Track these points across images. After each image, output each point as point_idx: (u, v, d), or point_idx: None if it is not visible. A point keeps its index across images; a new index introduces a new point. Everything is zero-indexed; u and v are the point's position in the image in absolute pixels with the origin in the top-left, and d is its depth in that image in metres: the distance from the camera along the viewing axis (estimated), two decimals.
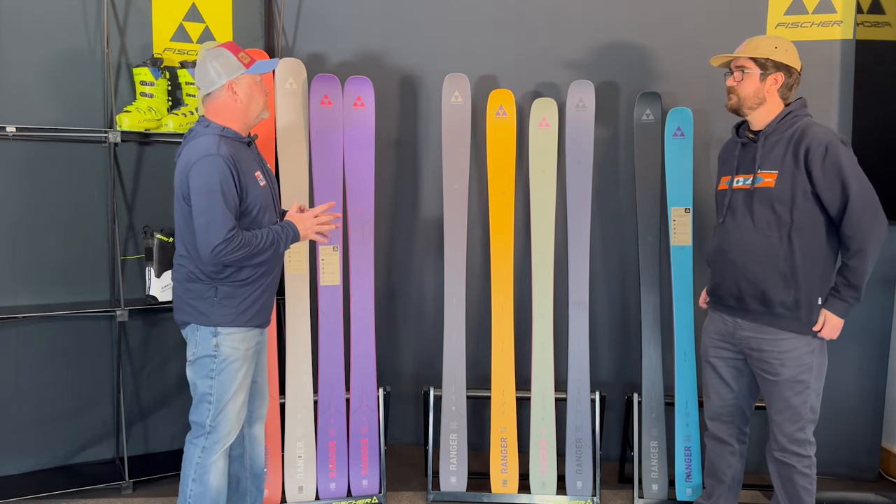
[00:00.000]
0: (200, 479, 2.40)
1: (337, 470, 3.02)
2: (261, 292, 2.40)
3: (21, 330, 3.08)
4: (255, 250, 2.28)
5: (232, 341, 2.36)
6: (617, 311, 3.44)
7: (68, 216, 3.13)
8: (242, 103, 2.32)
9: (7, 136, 2.89)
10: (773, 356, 2.42)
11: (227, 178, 2.23)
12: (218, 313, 2.33)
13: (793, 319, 2.40)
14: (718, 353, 2.59)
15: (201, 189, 2.22)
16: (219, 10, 3.31)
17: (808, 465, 2.48)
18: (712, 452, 2.71)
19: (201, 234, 2.23)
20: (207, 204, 2.21)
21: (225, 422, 2.39)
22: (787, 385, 2.42)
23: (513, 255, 3.14)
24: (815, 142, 2.30)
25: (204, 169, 2.21)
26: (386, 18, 3.44)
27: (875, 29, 3.09)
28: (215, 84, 2.29)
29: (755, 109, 2.43)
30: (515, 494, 3.08)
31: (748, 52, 2.42)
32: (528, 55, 3.36)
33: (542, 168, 3.11)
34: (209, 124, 2.32)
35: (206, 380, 2.37)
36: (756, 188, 2.40)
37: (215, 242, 2.20)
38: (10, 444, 3.10)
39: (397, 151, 3.51)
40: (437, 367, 3.17)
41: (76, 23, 3.06)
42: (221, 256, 2.22)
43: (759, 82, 2.40)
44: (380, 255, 3.41)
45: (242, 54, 2.32)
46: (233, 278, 2.33)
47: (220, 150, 2.23)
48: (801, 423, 2.45)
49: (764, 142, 2.41)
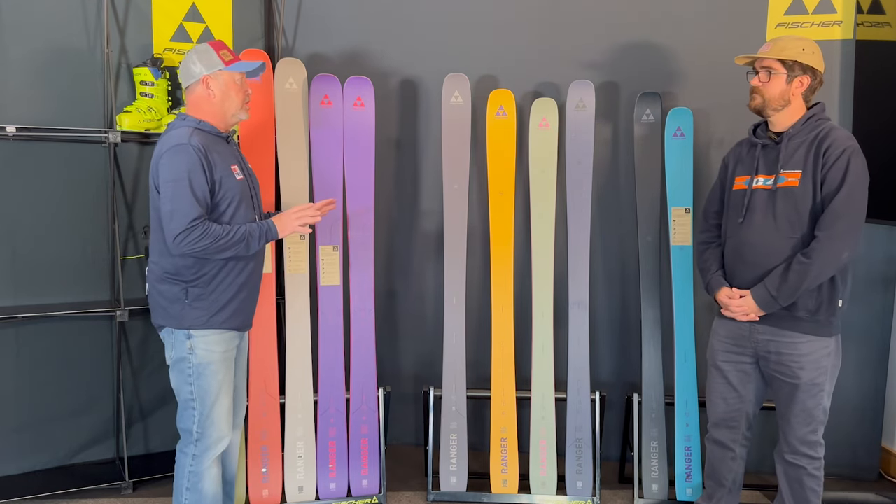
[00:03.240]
0: (194, 487, 2.38)
1: (337, 470, 3.02)
2: (234, 293, 2.36)
3: (21, 330, 3.08)
4: (220, 243, 2.23)
5: (206, 343, 2.33)
6: (617, 311, 3.44)
7: (68, 216, 3.13)
8: (217, 98, 2.33)
9: (7, 136, 2.90)
10: (793, 359, 2.39)
11: (195, 168, 2.22)
12: (189, 315, 2.31)
13: (812, 322, 2.37)
14: (728, 356, 2.56)
15: (168, 178, 2.21)
16: (219, 10, 3.31)
17: (817, 466, 2.47)
18: (714, 457, 2.69)
19: (166, 222, 2.22)
20: (173, 192, 2.20)
21: (212, 427, 2.37)
22: (805, 388, 2.39)
23: (513, 254, 3.14)
24: (837, 143, 2.32)
25: (173, 158, 2.21)
26: (386, 18, 3.44)
27: (875, 29, 3.08)
28: (194, 77, 2.32)
29: (779, 111, 2.41)
30: (515, 494, 3.08)
31: (776, 54, 2.38)
32: (528, 55, 3.36)
33: (542, 168, 3.11)
34: (186, 118, 2.34)
35: (185, 385, 2.35)
36: (779, 188, 2.38)
37: (178, 230, 2.19)
38: (10, 444, 3.10)
39: (397, 151, 3.51)
40: (437, 367, 3.17)
41: (76, 23, 3.07)
42: (184, 245, 2.20)
43: (786, 84, 2.38)
44: (380, 255, 3.41)
45: (224, 52, 2.34)
46: (203, 279, 2.30)
47: (191, 140, 2.24)
48: (813, 426, 2.44)
49: (788, 143, 2.39)
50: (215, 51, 2.32)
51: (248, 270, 2.40)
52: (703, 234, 2.68)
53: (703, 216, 2.72)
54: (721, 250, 2.58)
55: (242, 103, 2.39)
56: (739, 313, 2.45)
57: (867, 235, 3.17)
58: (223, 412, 2.39)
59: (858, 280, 3.20)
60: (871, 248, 3.19)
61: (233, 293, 2.36)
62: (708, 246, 2.64)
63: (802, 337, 2.38)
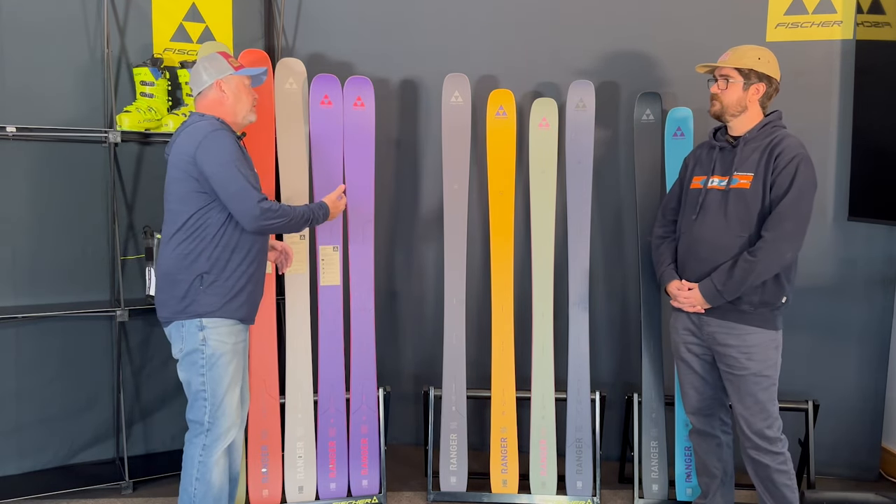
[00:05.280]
0: (203, 478, 2.41)
1: (337, 470, 3.02)
2: (245, 281, 2.43)
3: (21, 330, 3.08)
4: (293, 219, 2.44)
5: (218, 335, 2.38)
6: (617, 311, 3.44)
7: (68, 216, 3.13)
8: (230, 100, 2.46)
9: (7, 136, 2.90)
10: (740, 350, 2.49)
11: (237, 150, 2.37)
12: (204, 301, 2.36)
13: (756, 315, 2.48)
14: (689, 347, 2.65)
15: (219, 161, 2.31)
16: (219, 10, 3.31)
17: (782, 461, 2.53)
18: (700, 449, 2.76)
19: (237, 202, 2.32)
20: (233, 172, 2.31)
21: (223, 417, 2.42)
22: (754, 380, 2.49)
23: (513, 254, 3.14)
24: (788, 150, 2.43)
25: (216, 142, 2.32)
26: (386, 18, 3.44)
27: (875, 29, 3.08)
28: (205, 83, 2.44)
29: (737, 117, 2.54)
30: (515, 494, 3.08)
31: (733, 63, 2.50)
32: (528, 55, 3.36)
33: (542, 168, 3.11)
34: (204, 115, 2.43)
35: (197, 376, 2.39)
36: (731, 189, 2.49)
37: (257, 198, 2.32)
38: (10, 444, 3.11)
39: (397, 151, 3.51)
40: (437, 367, 3.17)
41: (76, 23, 3.07)
42: (264, 220, 2.34)
43: (742, 91, 2.51)
44: (380, 255, 3.41)
45: (231, 59, 2.49)
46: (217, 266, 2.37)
47: (223, 125, 2.38)
48: (769, 421, 2.51)
49: (743, 147, 2.51)
50: (224, 58, 2.47)
51: (257, 262, 2.48)
52: (660, 228, 2.79)
53: (661, 212, 2.82)
54: (675, 245, 2.69)
55: (251, 106, 2.53)
56: (687, 304, 2.57)
57: (867, 235, 3.18)
58: (234, 402, 2.44)
59: (858, 280, 3.21)
60: (871, 248, 3.19)
61: (244, 282, 2.43)
62: (663, 240, 2.75)
63: (748, 328, 2.49)
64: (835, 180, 3.21)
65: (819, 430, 3.08)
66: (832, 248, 3.22)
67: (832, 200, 3.21)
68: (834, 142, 3.20)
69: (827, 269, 3.23)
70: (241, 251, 2.41)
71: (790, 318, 2.67)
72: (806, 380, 3.22)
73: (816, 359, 3.25)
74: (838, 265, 3.22)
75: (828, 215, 3.21)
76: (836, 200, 3.21)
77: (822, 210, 3.20)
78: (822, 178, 3.17)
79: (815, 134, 3.15)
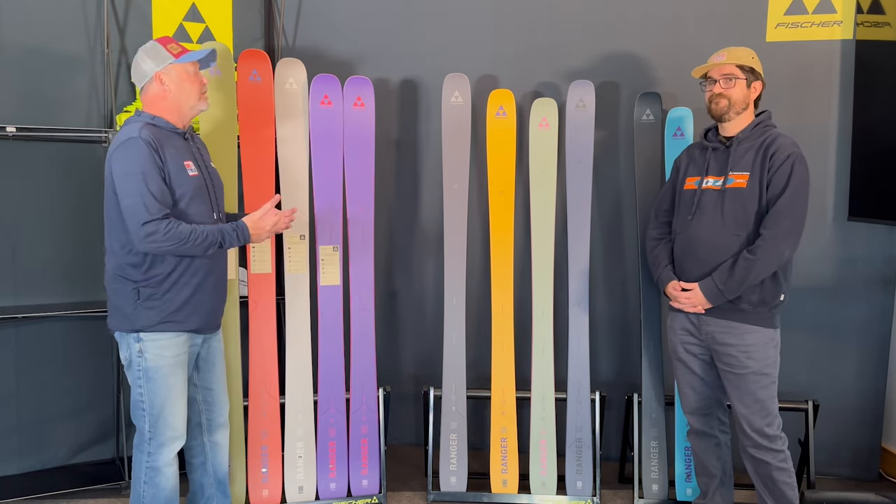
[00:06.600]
0: (152, 482, 2.37)
1: (337, 470, 3.02)
2: (190, 292, 2.32)
3: (21, 330, 3.08)
4: (189, 244, 2.21)
5: (156, 347, 2.30)
6: (617, 311, 3.44)
7: (68, 216, 3.13)
8: (172, 93, 2.31)
9: (7, 136, 2.89)
10: (740, 349, 2.50)
11: (148, 161, 2.19)
12: (142, 316, 2.28)
13: (755, 314, 2.49)
14: (687, 347, 2.66)
15: (123, 172, 2.19)
16: (219, 10, 3.31)
17: (782, 459, 2.53)
18: (698, 449, 2.76)
19: (128, 217, 2.19)
20: (131, 187, 2.18)
21: (164, 428, 2.35)
22: (754, 379, 2.50)
23: (513, 255, 3.14)
24: (783, 149, 2.45)
25: (124, 152, 2.20)
26: (386, 18, 3.45)
27: (875, 29, 3.08)
28: (146, 76, 2.31)
29: (740, 115, 2.55)
30: (515, 494, 3.08)
31: (735, 60, 2.52)
32: (528, 55, 3.36)
33: (542, 168, 3.11)
34: (141, 114, 2.32)
35: (136, 388, 2.33)
36: (727, 188, 2.50)
37: (141, 222, 2.16)
38: (10, 444, 3.10)
39: (397, 151, 3.51)
40: (437, 367, 3.17)
41: (76, 23, 3.07)
42: (148, 242, 2.17)
43: (746, 88, 2.53)
44: (380, 255, 3.41)
45: (173, 45, 2.32)
46: (155, 279, 2.27)
47: (141, 133, 2.21)
48: (769, 419, 2.51)
49: (737, 146, 2.52)
50: (163, 46, 2.31)
51: (205, 270, 2.36)
52: (655, 230, 2.79)
53: (654, 214, 2.82)
54: (671, 246, 2.69)
55: (199, 94, 2.36)
56: (688, 305, 2.57)
57: (867, 235, 3.18)
58: (176, 412, 2.36)
59: (858, 280, 3.21)
60: (871, 247, 3.19)
61: (188, 294, 2.32)
62: (658, 242, 2.75)
63: (748, 327, 2.49)
64: (835, 180, 3.21)
65: (819, 429, 3.08)
66: (832, 247, 3.22)
67: (832, 200, 3.21)
68: (834, 141, 3.20)
69: (827, 269, 3.23)
70: (181, 263, 2.29)
71: (790, 318, 2.67)
72: (806, 380, 3.22)
73: (816, 359, 3.26)
74: (838, 265, 3.22)
75: (828, 215, 3.22)
76: (836, 200, 3.21)
77: (821, 210, 3.20)
78: (822, 178, 3.19)
79: (814, 134, 3.16)
